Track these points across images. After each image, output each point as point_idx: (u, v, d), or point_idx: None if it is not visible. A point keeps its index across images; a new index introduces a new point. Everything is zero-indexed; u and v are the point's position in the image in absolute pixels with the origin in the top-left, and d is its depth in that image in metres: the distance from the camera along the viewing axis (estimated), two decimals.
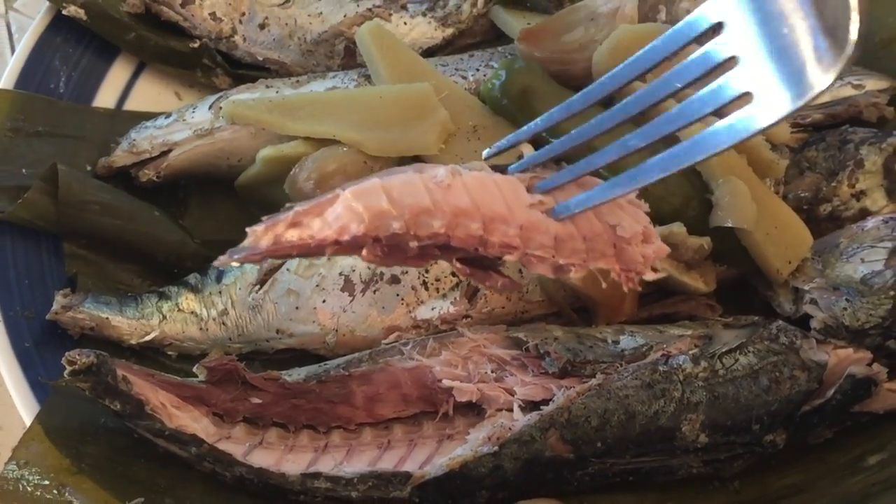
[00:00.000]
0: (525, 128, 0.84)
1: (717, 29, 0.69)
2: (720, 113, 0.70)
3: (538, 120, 0.83)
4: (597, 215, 0.81)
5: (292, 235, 0.75)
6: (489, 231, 0.78)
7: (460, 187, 0.78)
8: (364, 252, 0.76)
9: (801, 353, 1.01)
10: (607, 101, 0.79)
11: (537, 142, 0.88)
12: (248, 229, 0.75)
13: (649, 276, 0.82)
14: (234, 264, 0.75)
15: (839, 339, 1.05)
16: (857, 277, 1.07)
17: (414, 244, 0.76)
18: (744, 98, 0.67)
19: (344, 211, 0.75)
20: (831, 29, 0.61)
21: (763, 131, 0.67)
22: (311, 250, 0.76)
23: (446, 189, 0.77)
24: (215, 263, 0.76)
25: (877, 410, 1.03)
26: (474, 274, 0.82)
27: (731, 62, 0.68)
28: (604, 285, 0.86)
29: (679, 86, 0.72)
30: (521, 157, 0.86)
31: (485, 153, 0.86)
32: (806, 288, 1.09)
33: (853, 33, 0.60)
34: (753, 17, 0.66)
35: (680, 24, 0.72)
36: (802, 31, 0.63)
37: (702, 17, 0.70)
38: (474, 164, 0.82)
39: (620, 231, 0.81)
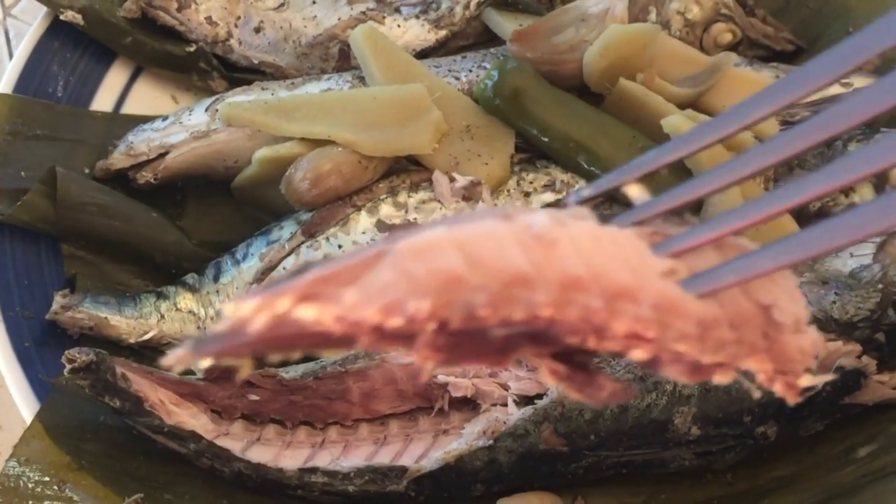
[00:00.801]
0: (636, 160, 0.55)
1: None
2: None
3: (662, 147, 0.55)
4: (744, 292, 0.54)
5: (305, 314, 0.46)
6: (613, 312, 0.50)
7: (568, 245, 0.50)
8: (419, 344, 0.48)
9: None
10: None
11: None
12: (226, 306, 0.47)
13: (805, 382, 0.56)
14: (203, 364, 0.47)
15: (828, 332, 1.06)
16: (846, 271, 1.08)
17: (500, 332, 0.48)
18: None
19: (395, 277, 0.47)
20: None
21: None
22: (333, 342, 0.48)
23: (549, 247, 0.49)
24: (165, 362, 0.48)
25: (866, 402, 1.04)
26: (574, 378, 0.54)
27: None
28: (753, 396, 0.62)
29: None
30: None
31: (576, 195, 0.57)
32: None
33: None
34: None
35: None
36: None
37: None
38: (576, 212, 0.53)
39: (777, 315, 0.53)
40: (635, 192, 0.56)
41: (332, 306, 0.46)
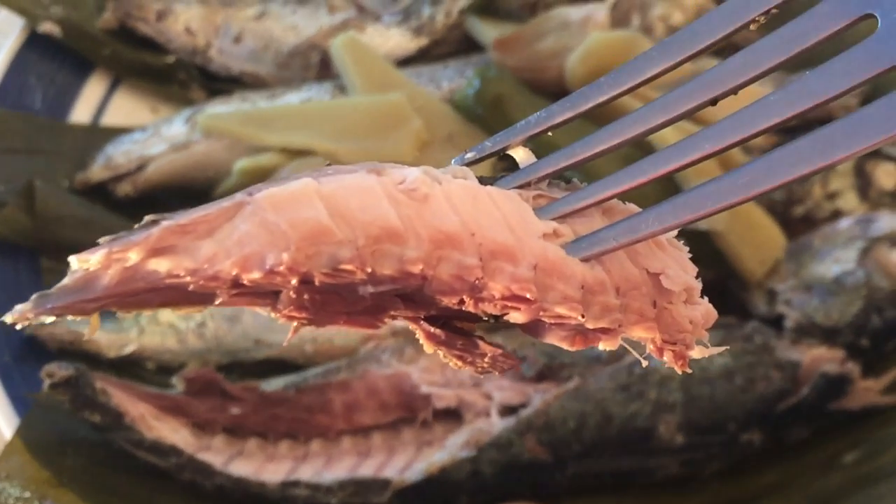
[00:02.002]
0: (523, 122, 0.53)
1: None
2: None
3: (543, 111, 0.52)
4: (632, 258, 0.51)
5: (158, 267, 0.44)
6: (489, 271, 0.48)
7: (442, 201, 0.48)
8: (282, 300, 0.46)
9: (776, 352, 1.02)
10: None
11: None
12: (72, 258, 0.44)
13: (697, 353, 0.54)
14: (47, 319, 0.44)
15: (813, 338, 1.06)
16: (830, 277, 1.08)
17: (368, 289, 0.47)
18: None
19: (254, 229, 0.45)
20: None
21: None
22: (188, 296, 0.46)
23: (422, 202, 0.48)
24: (6, 319, 0.44)
25: (852, 408, 1.04)
26: (451, 343, 0.52)
27: (869, 20, 0.43)
28: (644, 361, 0.57)
29: (784, 58, 0.45)
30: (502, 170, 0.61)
31: (459, 157, 0.54)
32: (780, 288, 1.10)
33: None
34: None
35: None
36: None
37: None
38: (454, 170, 0.51)
39: (666, 282, 0.51)
40: (521, 154, 0.53)
41: (186, 259, 0.44)
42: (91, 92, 1.31)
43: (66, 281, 0.44)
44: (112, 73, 1.33)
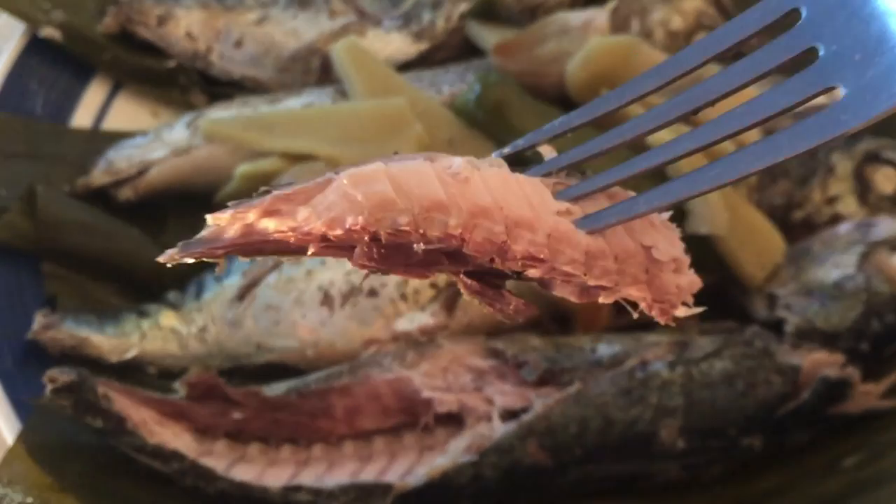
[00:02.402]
0: (548, 125, 0.69)
1: (793, 16, 0.58)
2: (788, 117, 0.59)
3: (564, 117, 0.68)
4: (629, 234, 0.67)
5: (268, 225, 0.60)
6: (513, 237, 0.63)
7: (480, 182, 0.63)
8: (356, 253, 0.61)
9: (776, 356, 1.02)
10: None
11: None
12: (209, 216, 0.60)
13: (681, 312, 0.69)
14: (188, 260, 0.60)
15: (813, 342, 1.06)
16: (830, 281, 1.09)
17: (420, 247, 0.62)
18: (826, 93, 0.55)
19: (339, 199, 0.60)
20: None
21: (853, 131, 0.54)
22: (289, 247, 0.62)
23: (464, 182, 0.63)
24: (160, 259, 0.61)
25: (852, 412, 1.05)
26: (484, 293, 0.67)
27: (810, 53, 0.56)
28: (635, 315, 0.70)
29: (744, 80, 0.59)
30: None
31: (495, 153, 0.70)
32: (780, 293, 1.10)
33: None
34: (837, 4, 0.56)
35: (748, 11, 0.61)
36: None
37: (775, 2, 0.59)
38: (492, 160, 0.68)
39: (656, 253, 0.67)
40: (546, 150, 0.69)
41: (288, 220, 0.59)
42: (92, 97, 1.31)
43: (202, 233, 0.59)
44: (113, 77, 1.33)
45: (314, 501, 0.97)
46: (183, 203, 1.23)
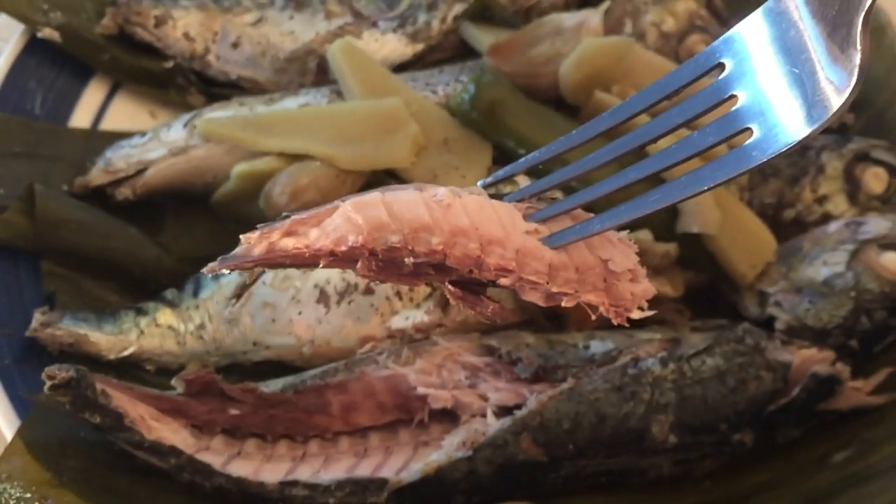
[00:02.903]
0: (522, 160, 0.83)
1: (720, 67, 0.71)
2: (716, 151, 0.71)
3: (536, 152, 0.81)
4: (590, 249, 0.80)
5: (287, 244, 0.75)
6: (486, 252, 0.76)
7: (460, 208, 0.77)
8: (359, 265, 0.75)
9: (766, 353, 1.04)
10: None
11: (535, 174, 0.86)
12: (242, 236, 0.76)
13: (636, 315, 0.81)
14: (225, 271, 0.76)
15: (803, 339, 1.08)
16: (820, 279, 1.10)
17: (410, 260, 0.76)
18: (744, 133, 0.68)
19: (343, 222, 0.75)
20: (833, 63, 0.63)
21: (762, 163, 0.67)
22: (305, 260, 0.76)
23: (446, 208, 0.76)
24: (205, 270, 0.75)
25: (841, 408, 1.06)
26: (465, 298, 0.80)
27: (732, 100, 0.69)
28: (593, 317, 0.83)
29: (678, 122, 0.73)
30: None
31: (480, 182, 0.84)
32: (770, 291, 1.12)
33: (857, 66, 0.61)
34: (755, 57, 0.68)
35: (682, 65, 0.74)
36: (805, 68, 0.65)
37: (704, 57, 0.72)
38: (473, 189, 0.81)
39: (612, 266, 0.79)
40: (521, 180, 0.87)
41: (304, 238, 0.75)
42: (90, 97, 1.32)
43: (237, 250, 0.75)
44: (111, 78, 1.34)
45: (310, 496, 0.98)
46: (180, 202, 1.24)
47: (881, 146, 1.22)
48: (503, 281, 0.78)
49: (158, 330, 1.12)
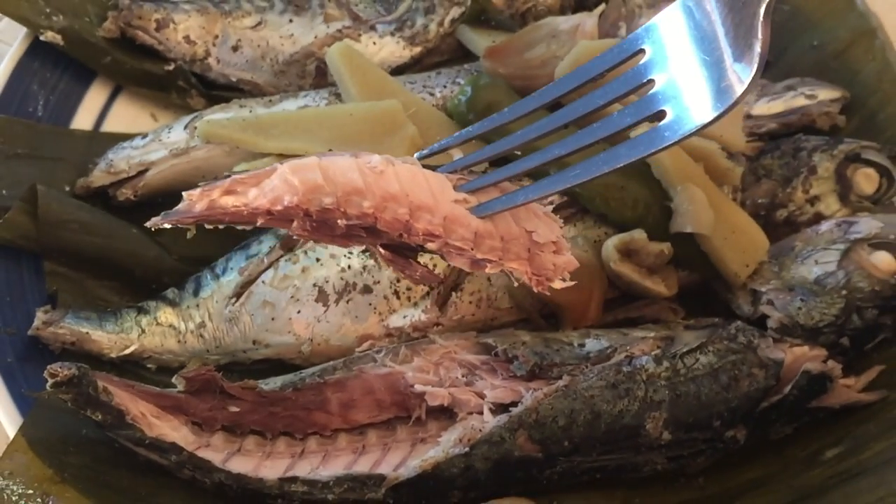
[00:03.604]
0: (456, 134, 0.91)
1: (640, 53, 0.77)
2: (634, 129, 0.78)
3: (470, 127, 0.90)
4: (515, 220, 0.86)
5: (227, 201, 0.80)
6: (415, 218, 0.82)
7: (392, 175, 0.82)
8: (294, 224, 0.80)
9: (759, 351, 1.05)
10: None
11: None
12: (184, 193, 0.81)
13: (557, 285, 0.88)
14: (166, 226, 0.81)
15: (795, 337, 1.09)
16: (811, 278, 1.11)
17: (342, 222, 0.81)
18: (659, 115, 0.74)
19: (280, 182, 0.79)
20: (738, 53, 0.69)
21: (671, 146, 0.74)
22: (243, 218, 0.80)
23: (379, 174, 0.82)
24: (148, 223, 0.81)
25: (833, 405, 1.07)
26: (395, 261, 0.86)
27: (650, 84, 0.76)
28: (515, 284, 0.91)
29: (600, 104, 0.80)
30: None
31: (416, 154, 0.91)
32: (763, 289, 1.12)
33: (758, 55, 0.68)
34: (672, 45, 0.73)
35: (607, 50, 0.80)
36: (715, 56, 0.70)
37: (627, 44, 0.79)
38: (406, 159, 0.87)
39: (536, 237, 0.86)
40: (455, 153, 0.91)
41: (242, 197, 0.80)
42: (92, 99, 1.34)
43: (179, 206, 0.80)
44: (113, 80, 1.36)
45: (309, 492, 0.99)
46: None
47: (872, 147, 1.24)
48: (430, 245, 0.83)
49: (159, 329, 1.13)
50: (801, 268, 1.12)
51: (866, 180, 1.22)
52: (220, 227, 0.82)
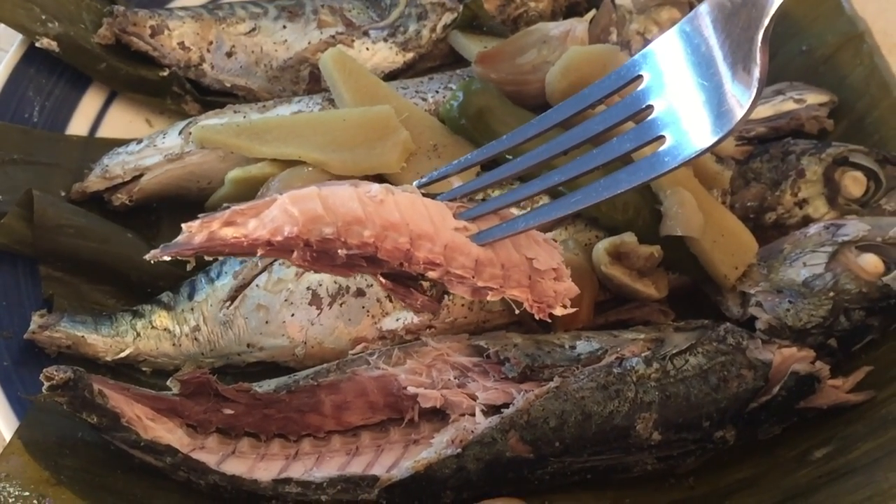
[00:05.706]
0: (455, 163, 0.91)
1: (638, 79, 0.78)
2: (634, 155, 0.78)
3: (469, 155, 0.91)
4: (516, 247, 0.87)
5: (227, 233, 0.80)
6: (415, 247, 0.82)
7: (392, 204, 0.82)
8: (294, 255, 0.80)
9: (748, 352, 1.06)
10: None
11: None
12: (183, 225, 0.81)
13: (559, 311, 0.89)
14: (166, 258, 0.81)
15: (783, 338, 1.10)
16: (800, 280, 1.12)
17: (343, 252, 0.81)
18: (658, 141, 0.75)
19: (280, 213, 0.79)
20: (737, 77, 0.70)
21: (671, 171, 0.75)
22: (243, 249, 0.80)
23: (379, 203, 0.82)
24: (146, 257, 0.82)
25: (821, 406, 1.08)
26: (396, 290, 0.87)
27: (648, 109, 0.76)
28: (517, 311, 0.93)
29: (599, 130, 0.80)
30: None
31: (415, 182, 0.92)
32: (752, 291, 1.13)
33: (757, 80, 0.69)
34: (670, 71, 0.74)
35: (605, 76, 0.81)
36: (713, 81, 0.71)
37: (624, 70, 0.79)
38: (406, 187, 0.87)
39: (537, 264, 0.86)
40: (454, 181, 0.93)
41: (242, 228, 0.79)
42: (88, 105, 1.34)
43: (178, 238, 0.80)
44: (108, 86, 1.36)
45: (303, 493, 0.99)
46: (176, 207, 1.26)
47: (860, 151, 1.25)
48: (431, 274, 0.84)
49: (154, 332, 1.14)
50: (790, 270, 1.13)
51: (854, 183, 1.23)
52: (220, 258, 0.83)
